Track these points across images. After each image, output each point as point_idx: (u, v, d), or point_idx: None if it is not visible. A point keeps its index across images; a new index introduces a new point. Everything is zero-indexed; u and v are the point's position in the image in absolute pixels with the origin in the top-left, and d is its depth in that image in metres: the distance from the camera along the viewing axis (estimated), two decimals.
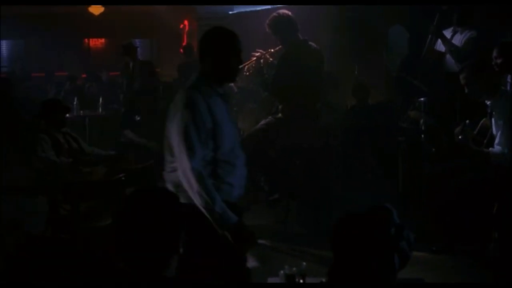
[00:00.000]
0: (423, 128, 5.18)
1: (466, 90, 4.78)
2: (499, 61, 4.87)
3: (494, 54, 4.90)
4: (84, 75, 12.77)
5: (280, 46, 5.39)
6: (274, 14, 5.29)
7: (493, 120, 4.65)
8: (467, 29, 5.95)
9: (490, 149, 4.61)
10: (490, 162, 4.55)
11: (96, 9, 13.39)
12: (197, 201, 2.86)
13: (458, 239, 4.79)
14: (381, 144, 6.43)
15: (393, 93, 7.54)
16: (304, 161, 5.47)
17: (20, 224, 5.24)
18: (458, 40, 5.94)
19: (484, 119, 4.82)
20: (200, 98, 2.97)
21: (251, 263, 3.07)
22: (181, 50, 10.53)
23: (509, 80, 5.07)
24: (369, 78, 7.81)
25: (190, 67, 10.03)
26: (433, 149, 5.06)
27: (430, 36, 6.07)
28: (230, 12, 12.83)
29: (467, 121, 4.79)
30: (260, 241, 5.20)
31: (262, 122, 5.52)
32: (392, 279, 1.87)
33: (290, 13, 5.28)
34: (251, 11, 11.32)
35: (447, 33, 6.03)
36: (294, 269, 2.52)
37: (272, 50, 5.47)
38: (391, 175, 5.83)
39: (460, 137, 4.68)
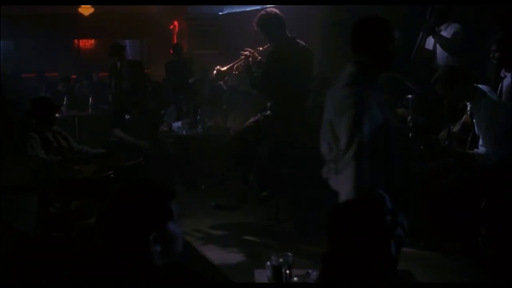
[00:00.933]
0: (410, 125, 5.21)
1: (444, 100, 4.85)
2: (497, 54, 4.95)
3: (493, 47, 4.97)
4: (74, 76, 12.75)
5: (268, 44, 5.40)
6: (262, 12, 5.31)
7: (474, 121, 4.67)
8: (449, 25, 6.01)
9: (475, 150, 4.61)
10: (476, 163, 4.55)
11: (86, 10, 13.35)
12: None
13: (449, 238, 4.79)
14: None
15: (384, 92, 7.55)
16: (293, 159, 5.48)
17: (11, 223, 5.25)
18: (445, 35, 5.99)
19: (465, 116, 4.84)
20: (369, 94, 2.89)
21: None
22: (171, 50, 10.58)
23: (502, 75, 5.11)
24: None
25: (178, 65, 10.11)
26: (421, 147, 5.06)
27: (422, 33, 6.10)
28: (220, 13, 12.87)
29: (451, 126, 4.83)
30: (251, 238, 5.29)
31: (251, 119, 5.52)
32: (389, 268, 1.83)
33: (277, 11, 5.30)
34: (240, 12, 11.35)
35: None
36: (280, 260, 2.54)
37: (260, 49, 5.47)
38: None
39: (446, 142, 4.71)
